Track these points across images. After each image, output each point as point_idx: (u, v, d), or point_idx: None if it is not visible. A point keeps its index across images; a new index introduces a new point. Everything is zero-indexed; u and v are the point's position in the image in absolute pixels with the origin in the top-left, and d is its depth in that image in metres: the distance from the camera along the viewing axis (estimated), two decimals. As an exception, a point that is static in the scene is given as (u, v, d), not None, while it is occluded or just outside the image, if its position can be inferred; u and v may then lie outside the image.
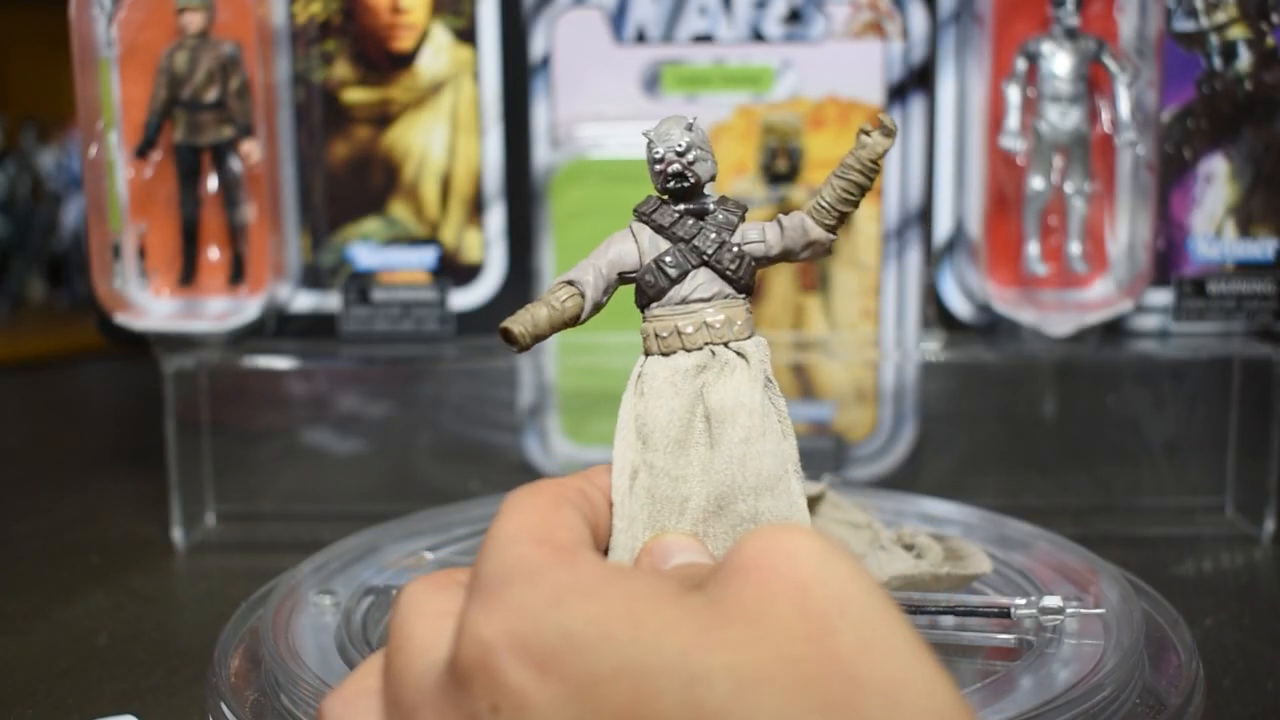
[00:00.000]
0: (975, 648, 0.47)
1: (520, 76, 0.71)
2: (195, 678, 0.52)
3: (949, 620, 0.47)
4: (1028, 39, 0.67)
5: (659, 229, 0.38)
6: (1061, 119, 0.67)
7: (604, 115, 0.71)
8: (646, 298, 0.38)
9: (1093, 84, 0.67)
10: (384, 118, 0.71)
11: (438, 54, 0.70)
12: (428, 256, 0.71)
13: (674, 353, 0.37)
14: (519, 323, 0.36)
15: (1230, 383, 0.70)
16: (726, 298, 0.38)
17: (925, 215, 0.71)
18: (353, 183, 0.71)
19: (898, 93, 0.71)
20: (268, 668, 0.45)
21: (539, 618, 0.27)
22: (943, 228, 0.71)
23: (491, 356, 0.71)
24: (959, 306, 0.71)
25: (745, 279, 0.38)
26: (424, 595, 0.31)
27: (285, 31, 0.70)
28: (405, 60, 0.70)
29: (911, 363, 0.73)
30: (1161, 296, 0.69)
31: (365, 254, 0.71)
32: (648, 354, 0.38)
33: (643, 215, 0.38)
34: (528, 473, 0.74)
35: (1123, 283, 0.69)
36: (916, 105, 0.70)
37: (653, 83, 0.71)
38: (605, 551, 0.35)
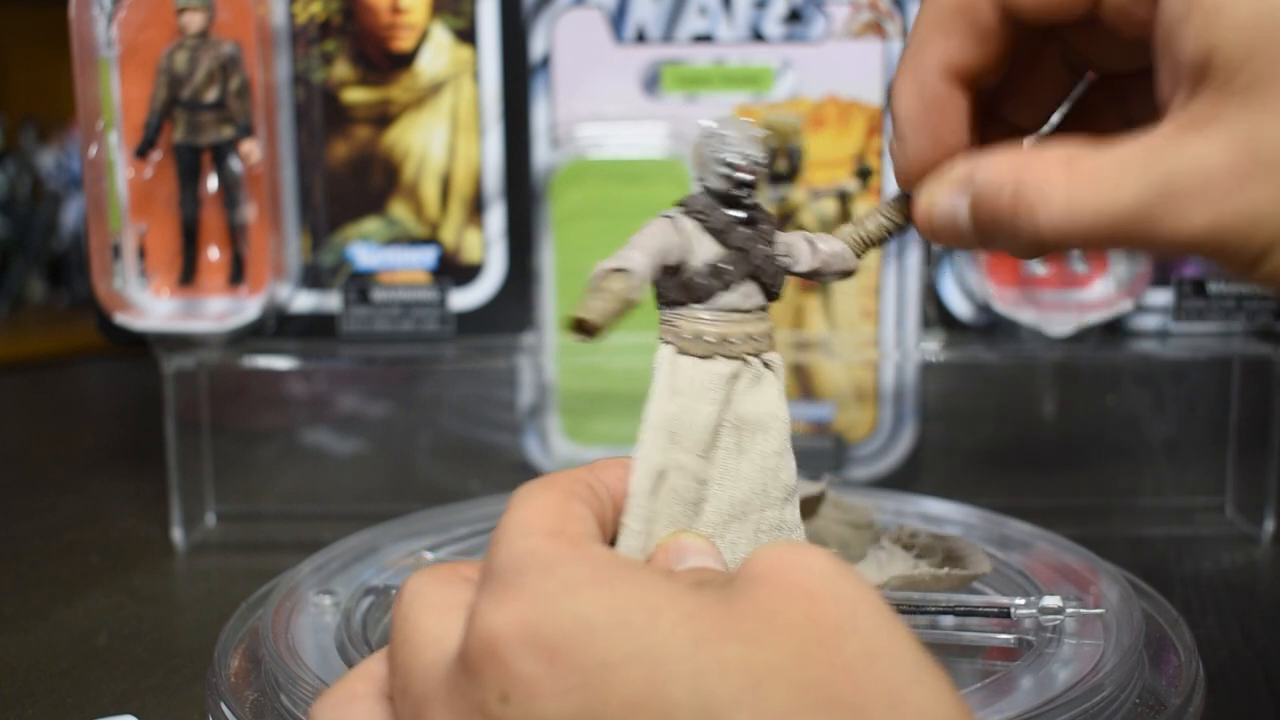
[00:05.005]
0: (975, 648, 0.47)
1: (520, 76, 0.71)
2: (195, 678, 0.52)
3: (949, 620, 0.47)
4: (1028, 39, 0.67)
5: (712, 230, 0.37)
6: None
7: (604, 115, 0.71)
8: (689, 295, 0.37)
9: (1093, 84, 0.67)
10: (384, 118, 0.71)
11: (438, 54, 0.70)
12: (428, 256, 0.71)
13: (713, 357, 0.37)
14: (596, 313, 0.34)
15: (1230, 383, 0.70)
16: (763, 309, 0.38)
17: (925, 215, 0.71)
18: (353, 183, 0.71)
19: (898, 93, 0.70)
20: (268, 668, 0.45)
21: (553, 607, 0.27)
22: (943, 228, 0.71)
23: (491, 356, 0.71)
24: (959, 306, 0.71)
25: (779, 293, 0.38)
26: (430, 588, 0.31)
27: (285, 31, 0.70)
28: (405, 60, 0.70)
29: (911, 363, 0.73)
30: (1161, 296, 0.69)
31: (365, 254, 0.71)
32: (680, 352, 0.37)
33: (693, 212, 0.37)
34: (528, 473, 0.74)
35: (1123, 283, 0.69)
36: (916, 105, 0.70)
37: (653, 83, 0.71)
38: (611, 547, 0.35)
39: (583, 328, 0.34)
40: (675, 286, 0.37)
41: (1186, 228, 0.30)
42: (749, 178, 0.37)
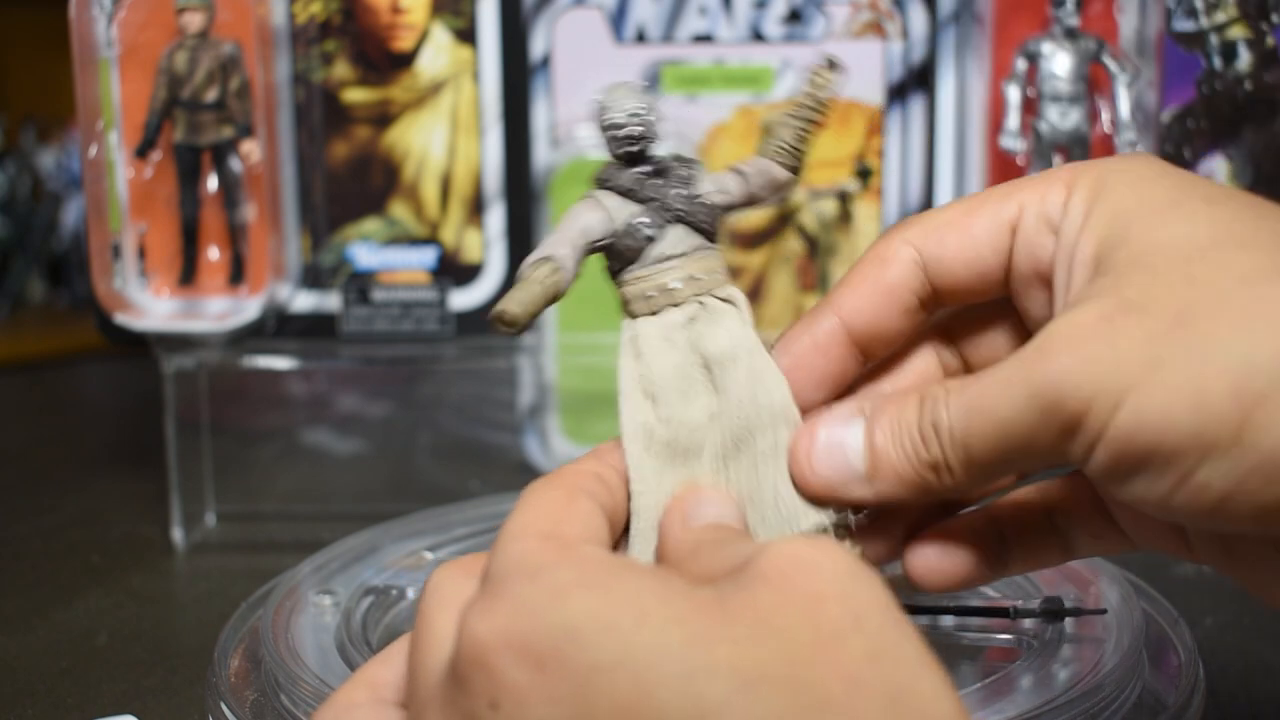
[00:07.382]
0: (975, 648, 0.47)
1: (520, 76, 0.71)
2: (195, 678, 0.52)
3: (949, 620, 0.47)
4: (1028, 39, 0.67)
5: (625, 193, 0.37)
6: (1061, 119, 0.67)
7: (604, 115, 0.71)
8: (624, 261, 0.37)
9: (1093, 84, 0.67)
10: (384, 118, 0.71)
11: (438, 54, 0.70)
12: (428, 256, 0.71)
13: (663, 310, 0.37)
14: (516, 303, 0.35)
15: (1230, 383, 0.69)
16: (702, 249, 0.38)
17: (925, 215, 0.71)
18: (353, 183, 0.71)
19: (898, 93, 0.70)
20: (268, 668, 0.45)
21: (540, 615, 0.27)
22: (943, 228, 0.71)
23: (491, 356, 0.71)
24: (959, 306, 0.71)
25: (716, 229, 0.38)
26: (448, 583, 0.31)
27: (285, 31, 0.70)
28: (405, 60, 0.70)
29: (911, 363, 0.73)
30: (1161, 296, 0.69)
31: (365, 254, 0.71)
32: (634, 316, 0.38)
33: (604, 182, 0.38)
34: (528, 473, 0.74)
35: (1123, 283, 0.69)
36: (916, 105, 0.70)
37: (653, 83, 0.71)
38: (625, 528, 0.35)
39: (504, 319, 0.35)
40: (612, 257, 0.38)
41: (1054, 368, 0.30)
42: (637, 131, 0.37)
